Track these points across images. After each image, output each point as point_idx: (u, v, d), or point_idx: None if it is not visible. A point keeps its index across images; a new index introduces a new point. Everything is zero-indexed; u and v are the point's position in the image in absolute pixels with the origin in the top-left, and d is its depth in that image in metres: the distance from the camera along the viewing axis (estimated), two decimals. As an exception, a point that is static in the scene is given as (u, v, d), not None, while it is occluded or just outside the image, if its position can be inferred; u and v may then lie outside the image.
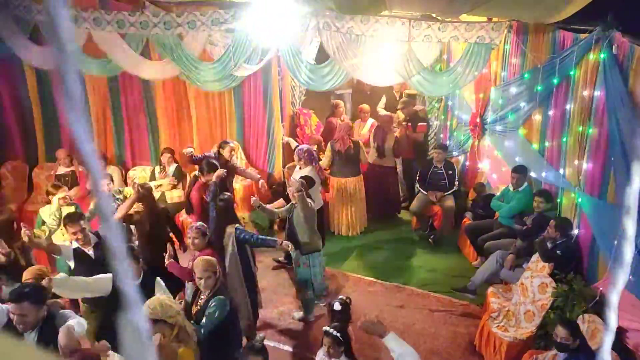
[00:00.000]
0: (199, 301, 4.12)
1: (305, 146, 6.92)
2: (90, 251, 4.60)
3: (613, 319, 0.84)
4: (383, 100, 9.32)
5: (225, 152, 6.86)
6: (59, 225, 5.53)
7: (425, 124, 8.47)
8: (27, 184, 8.10)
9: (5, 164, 7.95)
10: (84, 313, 4.53)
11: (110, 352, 3.33)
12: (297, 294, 5.88)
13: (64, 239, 5.23)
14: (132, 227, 5.65)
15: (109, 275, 4.02)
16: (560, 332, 3.80)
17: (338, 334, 3.53)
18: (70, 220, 4.60)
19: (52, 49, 0.59)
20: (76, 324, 3.36)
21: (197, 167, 6.59)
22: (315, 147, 8.09)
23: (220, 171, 5.90)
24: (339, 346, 3.54)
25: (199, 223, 4.85)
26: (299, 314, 5.83)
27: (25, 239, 4.36)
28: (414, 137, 8.38)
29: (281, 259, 6.88)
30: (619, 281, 0.80)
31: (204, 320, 3.87)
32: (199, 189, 6.01)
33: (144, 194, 5.32)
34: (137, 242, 5.47)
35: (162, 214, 5.56)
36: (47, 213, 5.68)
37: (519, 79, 6.26)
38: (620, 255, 0.79)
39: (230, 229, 5.08)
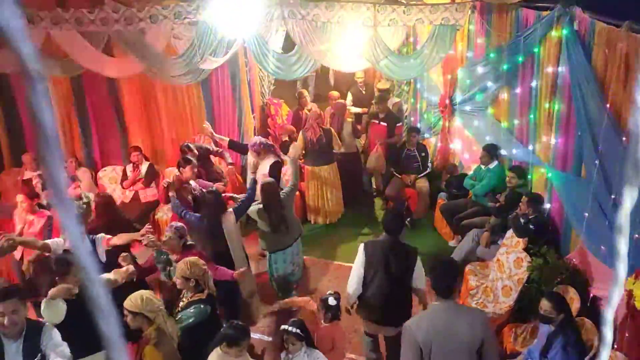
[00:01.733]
0: (180, 302, 4.09)
1: (256, 139, 6.78)
2: None
3: (609, 335, 0.85)
4: (349, 97, 9.13)
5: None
6: None
7: (401, 124, 8.14)
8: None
9: (-30, 172, 7.72)
10: None
11: None
12: (272, 285, 5.91)
13: None
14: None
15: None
16: (544, 304, 3.86)
17: (298, 330, 3.66)
18: None
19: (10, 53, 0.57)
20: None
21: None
22: (287, 138, 8.09)
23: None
24: (300, 341, 3.68)
25: (179, 224, 4.79)
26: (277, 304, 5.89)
27: (5, 244, 4.23)
28: (393, 142, 7.92)
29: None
30: (614, 298, 0.81)
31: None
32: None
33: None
34: None
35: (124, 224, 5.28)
36: None
37: (485, 59, 6.34)
38: (615, 275, 0.79)
39: (228, 216, 5.10)
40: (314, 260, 6.80)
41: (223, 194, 5.87)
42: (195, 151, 6.95)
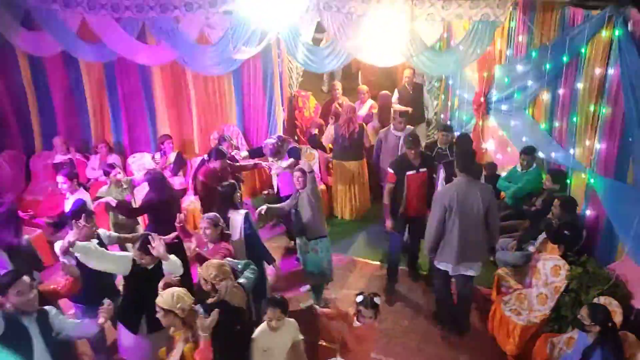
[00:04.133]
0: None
1: (270, 141, 6.62)
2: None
3: None
4: (395, 94, 8.85)
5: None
6: None
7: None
8: (25, 173, 7.98)
9: (2, 154, 7.81)
10: None
11: None
12: (308, 280, 5.80)
13: None
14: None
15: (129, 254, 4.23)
16: (582, 310, 3.86)
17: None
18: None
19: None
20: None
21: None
22: (316, 131, 7.99)
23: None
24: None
25: (211, 213, 4.74)
26: (308, 302, 5.78)
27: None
28: None
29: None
30: None
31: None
32: (204, 173, 5.98)
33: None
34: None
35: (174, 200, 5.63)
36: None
37: (526, 57, 6.13)
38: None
39: (237, 216, 4.98)
40: (340, 257, 6.70)
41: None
42: (233, 142, 6.87)
